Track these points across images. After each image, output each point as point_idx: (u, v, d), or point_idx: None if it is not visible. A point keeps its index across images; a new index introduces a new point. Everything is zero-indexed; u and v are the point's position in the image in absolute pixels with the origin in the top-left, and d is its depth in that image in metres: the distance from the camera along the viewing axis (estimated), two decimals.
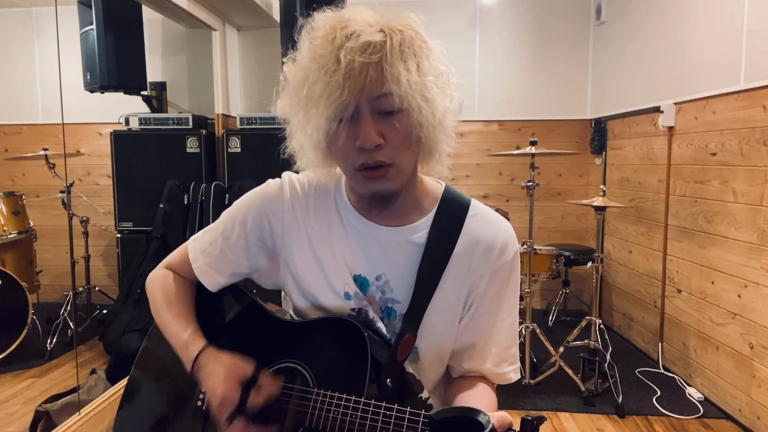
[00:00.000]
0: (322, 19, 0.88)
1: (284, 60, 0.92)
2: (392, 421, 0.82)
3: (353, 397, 0.86)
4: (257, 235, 1.02)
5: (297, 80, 0.88)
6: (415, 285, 0.95)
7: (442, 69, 0.88)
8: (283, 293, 1.10)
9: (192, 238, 1.09)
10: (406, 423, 0.81)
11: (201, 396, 1.01)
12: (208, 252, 1.05)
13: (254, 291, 1.12)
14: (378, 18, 0.87)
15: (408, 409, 0.82)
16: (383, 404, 0.84)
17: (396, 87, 0.81)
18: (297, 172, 1.03)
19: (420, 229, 0.98)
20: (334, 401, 0.88)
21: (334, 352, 0.95)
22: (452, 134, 0.91)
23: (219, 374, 0.93)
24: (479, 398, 0.97)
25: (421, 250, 0.96)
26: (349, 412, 0.86)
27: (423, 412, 0.82)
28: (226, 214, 1.06)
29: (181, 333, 1.02)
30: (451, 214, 0.99)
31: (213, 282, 1.06)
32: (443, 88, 0.87)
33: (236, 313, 1.09)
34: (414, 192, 0.98)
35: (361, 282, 0.98)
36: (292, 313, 1.07)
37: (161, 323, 1.06)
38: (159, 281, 1.09)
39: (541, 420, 0.74)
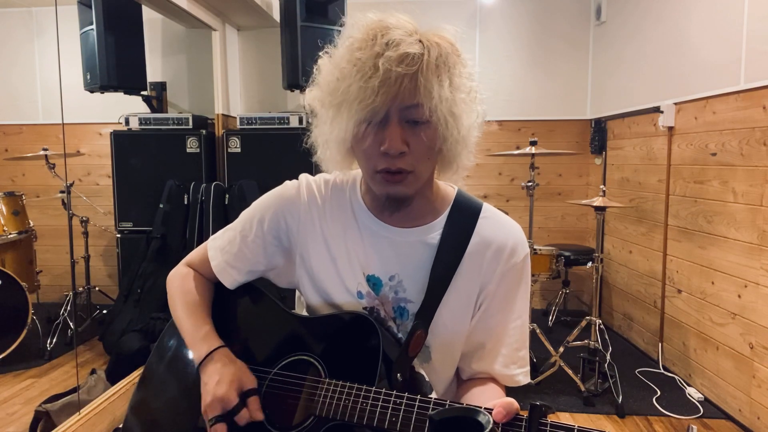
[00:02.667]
0: (364, 21, 0.90)
1: (319, 54, 0.94)
2: (402, 408, 0.84)
3: (363, 386, 0.89)
4: (274, 234, 1.05)
5: (332, 78, 0.90)
6: (428, 284, 0.97)
7: (471, 85, 0.91)
8: (297, 294, 1.13)
9: (212, 237, 1.14)
10: (416, 410, 0.83)
11: None
12: (227, 250, 1.09)
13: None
14: (417, 27, 0.89)
15: (418, 396, 0.85)
16: (393, 392, 0.86)
17: (427, 100, 0.84)
18: (312, 171, 1.06)
19: (433, 231, 1.00)
20: (345, 390, 0.90)
21: (347, 346, 0.97)
22: (473, 149, 0.94)
23: (227, 376, 0.97)
24: (486, 394, 0.98)
25: (433, 250, 0.99)
26: (360, 400, 0.88)
27: (434, 399, 0.84)
28: (244, 214, 1.10)
29: (197, 329, 1.05)
30: (464, 216, 1.01)
31: (230, 279, 1.10)
32: (470, 105, 0.90)
33: (252, 309, 1.13)
34: (428, 195, 1.01)
35: (374, 282, 1.00)
36: (305, 311, 1.09)
37: (177, 317, 1.10)
38: (179, 279, 1.14)
39: (549, 409, 0.75)
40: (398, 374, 0.93)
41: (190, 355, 1.10)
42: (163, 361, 1.16)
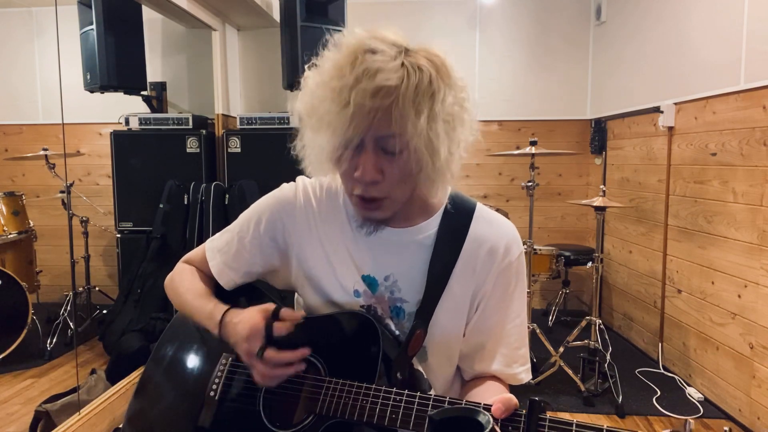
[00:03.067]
0: (349, 40, 0.87)
1: (306, 66, 0.93)
2: (402, 405, 0.85)
3: (363, 384, 0.90)
4: (270, 236, 1.06)
5: (314, 96, 0.89)
6: (426, 284, 0.98)
7: (455, 110, 0.87)
8: (296, 296, 1.13)
9: (210, 238, 1.15)
10: (416, 406, 0.84)
11: (214, 387, 1.03)
12: (225, 251, 1.10)
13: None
14: (405, 46, 0.85)
15: (418, 393, 0.85)
16: (393, 390, 0.87)
17: (401, 132, 0.83)
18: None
19: (427, 231, 1.01)
20: (345, 388, 0.91)
21: (347, 345, 0.98)
22: (455, 172, 0.92)
23: (244, 318, 0.97)
24: (489, 391, 0.99)
25: (428, 250, 0.99)
26: (360, 398, 0.89)
27: (433, 396, 0.85)
28: (242, 216, 1.10)
29: (205, 306, 1.06)
30: (458, 216, 1.01)
31: (228, 280, 1.10)
32: (451, 133, 0.87)
33: None
34: (418, 197, 1.00)
35: (369, 282, 1.01)
36: (304, 312, 1.09)
37: (183, 303, 1.10)
38: (179, 273, 1.15)
39: (547, 405, 0.75)
40: (398, 373, 0.93)
41: (190, 362, 1.10)
42: (162, 366, 1.15)
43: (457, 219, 1.01)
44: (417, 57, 0.85)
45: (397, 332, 1.00)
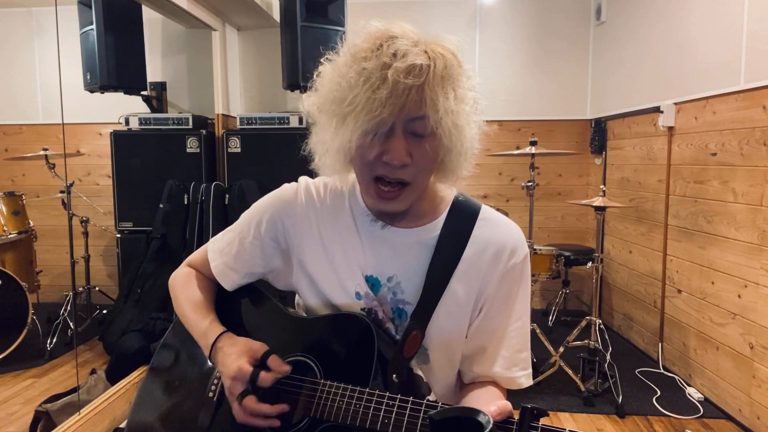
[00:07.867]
0: (368, 29, 0.89)
1: (320, 60, 0.94)
2: (395, 410, 0.85)
3: (357, 388, 0.89)
4: (272, 236, 1.06)
5: (336, 87, 0.88)
6: (424, 285, 0.97)
7: (474, 96, 0.91)
8: (296, 296, 1.14)
9: (212, 239, 1.15)
10: (408, 411, 0.84)
11: (213, 387, 1.04)
12: (226, 252, 1.10)
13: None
14: (420, 36, 0.88)
15: (410, 398, 0.85)
16: (386, 394, 0.87)
17: (432, 112, 0.84)
18: (311, 175, 1.06)
19: (431, 232, 1.00)
20: (340, 391, 0.91)
21: (343, 347, 0.98)
22: (472, 160, 0.94)
23: (233, 354, 0.98)
24: (485, 396, 0.98)
25: (430, 251, 0.99)
26: (353, 401, 0.89)
27: (426, 401, 0.84)
28: (243, 216, 1.10)
29: (200, 322, 1.07)
30: (462, 217, 1.01)
31: (229, 281, 1.11)
32: (472, 116, 0.91)
33: (252, 310, 1.13)
34: (425, 197, 1.01)
35: (372, 283, 1.00)
36: (304, 313, 1.10)
37: (182, 315, 1.11)
38: (181, 278, 1.15)
39: (542, 412, 0.75)
40: (394, 375, 0.93)
41: (191, 363, 1.12)
42: (165, 366, 1.16)
43: (461, 221, 1.01)
44: (434, 46, 0.87)
45: (397, 336, 0.99)
